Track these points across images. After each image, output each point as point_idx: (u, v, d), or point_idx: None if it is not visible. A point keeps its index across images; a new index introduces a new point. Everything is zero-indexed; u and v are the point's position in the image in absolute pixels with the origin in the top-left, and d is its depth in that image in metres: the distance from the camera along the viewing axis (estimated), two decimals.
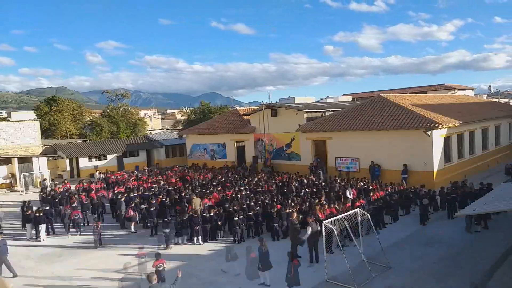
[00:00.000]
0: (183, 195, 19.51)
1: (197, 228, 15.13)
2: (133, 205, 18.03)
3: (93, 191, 21.58)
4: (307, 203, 16.61)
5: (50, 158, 33.61)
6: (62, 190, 22.64)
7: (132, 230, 17.28)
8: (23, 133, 31.70)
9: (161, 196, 19.22)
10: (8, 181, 29.99)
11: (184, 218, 15.28)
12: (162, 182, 24.30)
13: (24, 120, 33.31)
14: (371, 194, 17.77)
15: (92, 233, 15.74)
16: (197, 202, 17.37)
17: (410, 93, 38.03)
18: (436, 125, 20.77)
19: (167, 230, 14.88)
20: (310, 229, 12.37)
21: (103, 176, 28.91)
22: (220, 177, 25.29)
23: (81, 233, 17.23)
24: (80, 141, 39.71)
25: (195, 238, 15.24)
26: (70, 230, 17.22)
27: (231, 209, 16.18)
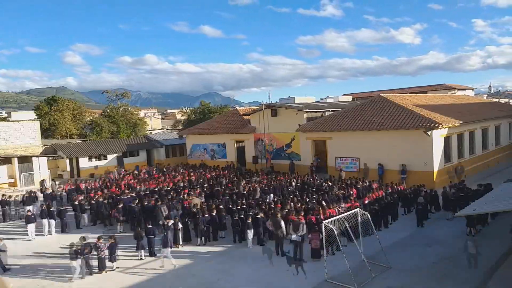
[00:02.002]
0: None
1: (202, 228, 15.08)
2: (120, 206, 17.57)
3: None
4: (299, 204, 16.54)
5: (50, 158, 33.61)
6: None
7: (119, 230, 17.06)
8: (23, 133, 31.70)
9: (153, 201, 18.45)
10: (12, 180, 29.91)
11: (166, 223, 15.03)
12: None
13: (24, 120, 33.26)
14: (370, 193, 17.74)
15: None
16: (196, 202, 17.34)
17: (410, 93, 38.04)
18: (436, 125, 20.77)
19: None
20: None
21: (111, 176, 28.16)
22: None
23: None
24: (80, 141, 39.70)
25: (198, 239, 15.21)
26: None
27: (234, 208, 16.15)
